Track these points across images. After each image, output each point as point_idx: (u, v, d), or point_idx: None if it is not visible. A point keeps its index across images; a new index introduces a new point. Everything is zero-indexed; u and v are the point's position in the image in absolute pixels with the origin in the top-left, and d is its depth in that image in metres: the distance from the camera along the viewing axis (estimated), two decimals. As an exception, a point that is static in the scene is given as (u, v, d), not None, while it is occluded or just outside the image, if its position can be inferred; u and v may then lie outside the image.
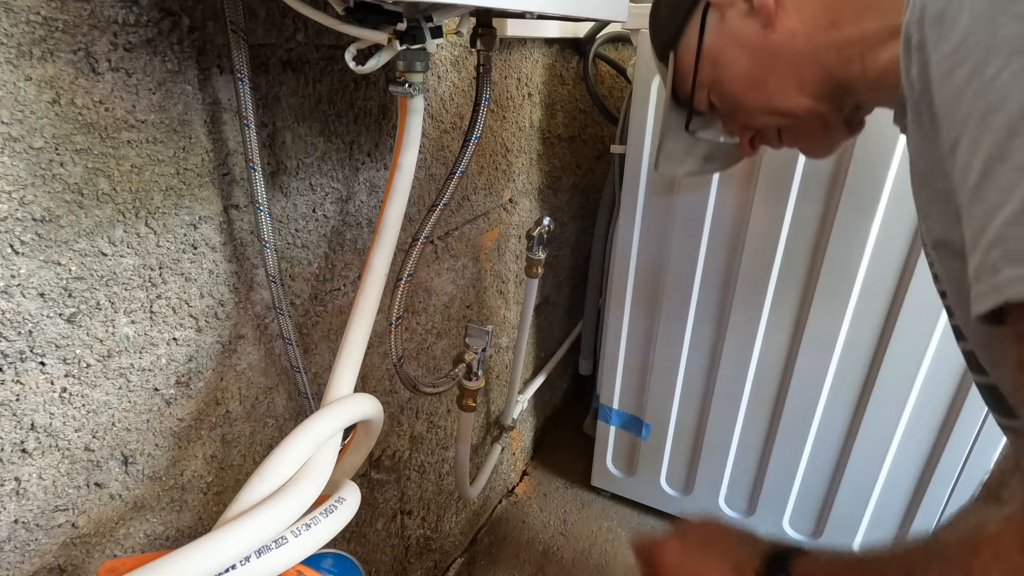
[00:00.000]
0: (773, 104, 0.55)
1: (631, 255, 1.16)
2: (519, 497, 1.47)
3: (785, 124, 0.57)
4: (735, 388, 1.16)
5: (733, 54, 0.54)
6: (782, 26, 0.50)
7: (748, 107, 0.57)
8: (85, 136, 0.43)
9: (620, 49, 1.39)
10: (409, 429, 0.99)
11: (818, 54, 0.50)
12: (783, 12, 0.50)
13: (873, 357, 1.02)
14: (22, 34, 0.39)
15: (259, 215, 0.56)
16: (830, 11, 0.48)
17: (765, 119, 0.57)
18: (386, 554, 1.01)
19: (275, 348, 0.66)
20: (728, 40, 0.54)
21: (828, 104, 0.53)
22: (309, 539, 0.39)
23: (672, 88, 0.62)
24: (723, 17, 0.54)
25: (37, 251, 0.42)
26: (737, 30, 0.53)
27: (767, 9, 0.50)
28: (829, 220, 0.96)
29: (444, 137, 0.86)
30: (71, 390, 0.47)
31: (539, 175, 1.24)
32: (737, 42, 0.54)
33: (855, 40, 0.46)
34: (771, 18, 0.50)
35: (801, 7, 0.50)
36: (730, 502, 1.29)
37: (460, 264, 1.01)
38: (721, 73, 0.56)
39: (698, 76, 0.58)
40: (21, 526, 0.46)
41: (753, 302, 1.07)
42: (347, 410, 0.47)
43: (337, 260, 0.73)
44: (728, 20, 0.54)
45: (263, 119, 0.58)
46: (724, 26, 0.54)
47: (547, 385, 1.54)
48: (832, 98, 0.52)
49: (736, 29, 0.53)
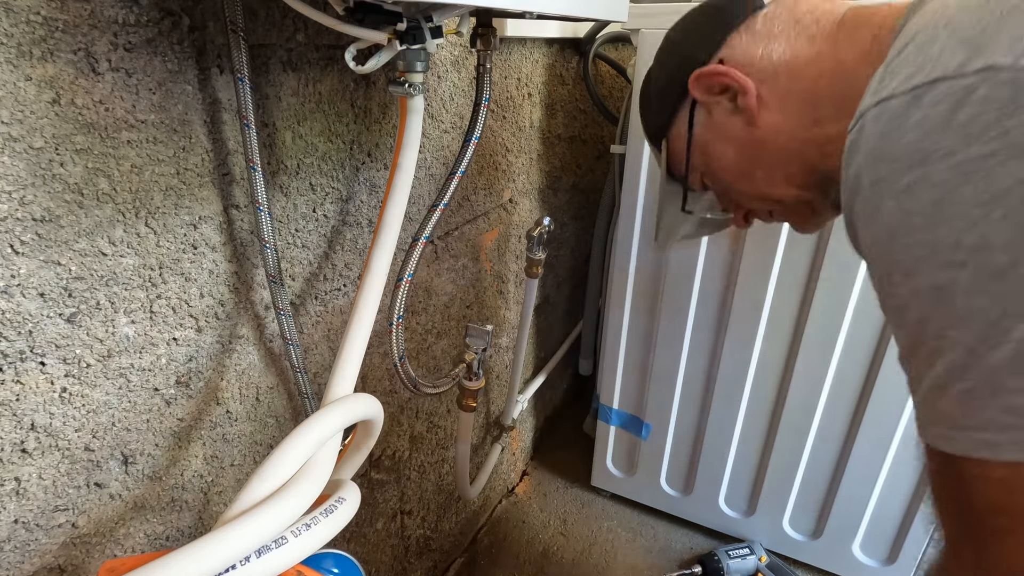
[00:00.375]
0: (762, 192, 0.56)
1: (631, 255, 1.16)
2: (519, 497, 1.47)
3: (775, 208, 0.59)
4: (735, 388, 1.16)
5: (721, 147, 0.56)
6: (765, 123, 0.52)
7: (739, 192, 0.59)
8: (85, 136, 0.43)
9: (620, 49, 1.39)
10: (409, 429, 0.99)
11: (801, 150, 0.51)
12: (765, 110, 0.51)
13: (873, 356, 1.02)
14: (22, 34, 0.39)
15: (259, 215, 0.56)
16: (811, 110, 0.50)
17: (756, 204, 0.59)
18: (386, 554, 1.01)
19: (275, 348, 0.66)
20: (715, 134, 0.56)
21: (815, 192, 0.54)
22: (309, 539, 0.39)
23: (666, 170, 0.64)
24: (710, 112, 0.56)
25: (37, 251, 0.42)
26: (723, 125, 0.55)
27: (750, 109, 0.52)
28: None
29: (444, 137, 0.86)
30: (71, 390, 0.47)
31: (539, 175, 1.24)
32: (724, 136, 0.55)
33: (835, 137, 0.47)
34: (754, 117, 0.52)
35: (784, 105, 0.51)
36: (730, 502, 1.29)
37: (460, 264, 1.01)
38: (710, 163, 0.58)
39: (690, 162, 0.59)
40: (21, 526, 0.46)
41: (753, 302, 1.07)
42: (347, 410, 0.47)
43: (337, 260, 0.73)
44: (714, 116, 0.55)
45: (263, 119, 0.58)
46: (711, 120, 0.56)
47: (547, 385, 1.54)
48: (818, 187, 0.53)
49: (722, 125, 0.55)
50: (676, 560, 1.30)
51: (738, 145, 0.55)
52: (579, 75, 1.30)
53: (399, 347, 0.70)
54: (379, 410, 0.51)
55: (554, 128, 1.25)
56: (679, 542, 1.35)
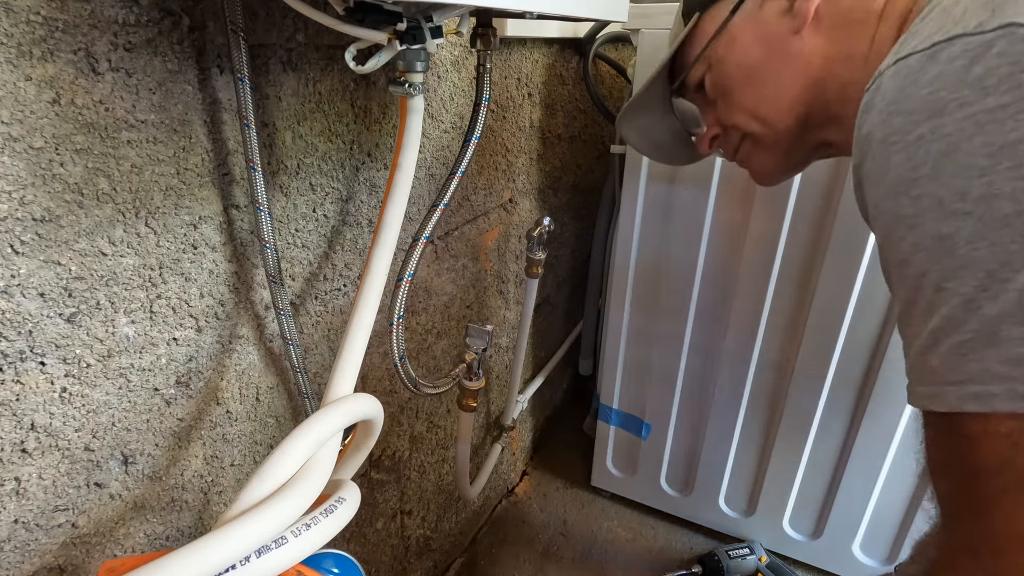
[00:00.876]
0: (758, 109, 0.55)
1: (631, 255, 1.16)
2: (519, 497, 1.47)
3: (756, 133, 0.57)
4: (735, 388, 1.16)
5: (752, 43, 0.54)
6: (808, 38, 0.51)
7: (734, 101, 0.57)
8: (85, 136, 0.43)
9: (620, 49, 1.39)
10: (409, 429, 0.99)
11: (824, 80, 0.51)
12: (816, 27, 0.51)
13: (873, 355, 1.02)
14: (22, 34, 0.39)
15: (259, 215, 0.56)
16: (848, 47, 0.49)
17: (742, 120, 0.58)
18: (386, 554, 1.01)
19: (275, 348, 0.66)
20: (754, 28, 0.54)
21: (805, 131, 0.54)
22: (309, 539, 0.38)
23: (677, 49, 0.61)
24: (761, 5, 0.54)
25: (37, 251, 0.42)
26: (767, 23, 0.53)
27: (803, 16, 0.51)
28: (829, 221, 0.96)
29: (444, 137, 0.86)
30: (71, 390, 0.47)
31: (539, 175, 1.24)
32: (761, 34, 0.54)
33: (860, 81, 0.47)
34: (802, 26, 0.51)
35: (834, 27, 0.50)
36: (730, 502, 1.29)
37: (460, 264, 1.01)
38: (730, 55, 0.56)
39: (708, 50, 0.58)
40: (21, 526, 0.46)
41: (753, 301, 1.07)
42: (347, 410, 0.46)
43: (337, 260, 0.73)
44: (764, 9, 0.54)
45: (263, 119, 0.58)
46: (758, 13, 0.54)
47: (547, 385, 1.54)
48: (813, 128, 0.53)
49: (766, 22, 0.53)
50: (676, 560, 1.30)
51: (770, 49, 0.53)
52: (579, 75, 1.30)
53: (399, 347, 0.70)
54: (379, 410, 0.51)
55: (554, 128, 1.25)
56: (679, 542, 1.35)
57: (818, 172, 0.94)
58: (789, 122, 0.54)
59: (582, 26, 1.20)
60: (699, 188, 1.04)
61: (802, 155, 0.58)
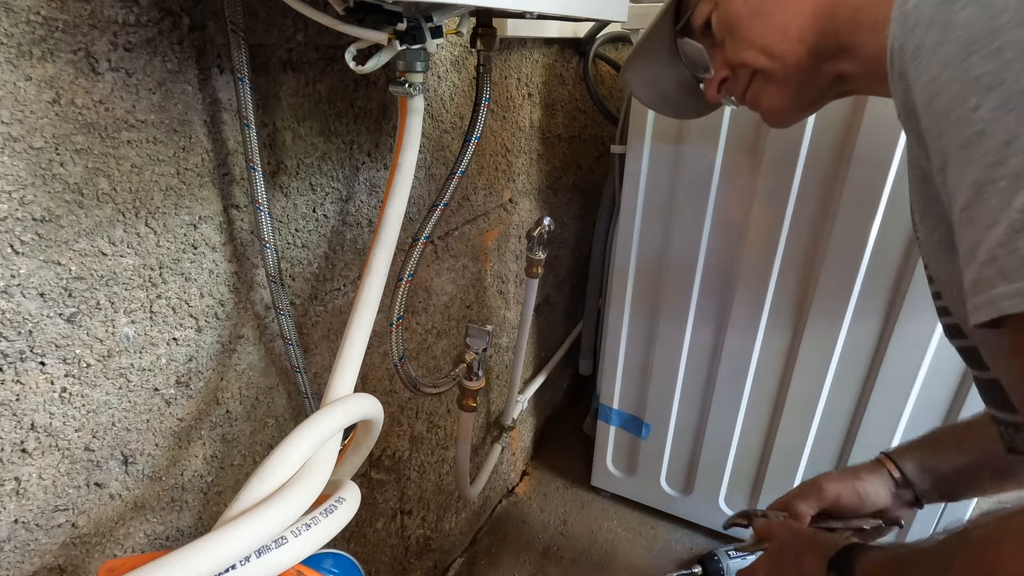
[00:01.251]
0: (766, 41, 0.53)
1: (631, 255, 1.16)
2: (519, 497, 1.47)
3: (766, 68, 0.55)
4: (735, 388, 1.16)
5: None
6: None
7: (742, 37, 0.55)
8: (85, 136, 0.43)
9: (620, 49, 1.39)
10: (409, 429, 0.99)
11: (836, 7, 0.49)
12: None
13: (873, 356, 1.02)
14: (22, 34, 0.39)
15: (259, 215, 0.56)
16: None
17: (750, 56, 0.55)
18: (386, 554, 1.01)
19: (275, 348, 0.66)
20: None
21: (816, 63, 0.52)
22: (309, 539, 0.38)
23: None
24: None
25: (37, 251, 0.42)
26: None
27: None
28: (829, 220, 0.96)
29: (444, 137, 0.86)
30: (71, 390, 0.47)
31: (539, 175, 1.24)
32: None
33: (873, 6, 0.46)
34: None
35: None
36: (730, 502, 1.29)
37: (460, 264, 1.01)
38: None
39: None
40: (21, 526, 0.46)
41: (753, 302, 1.07)
42: (347, 410, 0.47)
43: (337, 260, 0.73)
44: None
45: (263, 119, 0.58)
46: None
47: (547, 385, 1.54)
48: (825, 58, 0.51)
49: None
50: (676, 560, 1.30)
51: None
52: (579, 75, 1.30)
53: (399, 347, 0.70)
54: (379, 410, 0.51)
55: (554, 128, 1.25)
56: (679, 542, 1.35)
57: (818, 172, 0.94)
58: (801, 52, 0.52)
59: (582, 26, 1.20)
60: (699, 188, 1.04)
61: (815, 91, 0.55)
